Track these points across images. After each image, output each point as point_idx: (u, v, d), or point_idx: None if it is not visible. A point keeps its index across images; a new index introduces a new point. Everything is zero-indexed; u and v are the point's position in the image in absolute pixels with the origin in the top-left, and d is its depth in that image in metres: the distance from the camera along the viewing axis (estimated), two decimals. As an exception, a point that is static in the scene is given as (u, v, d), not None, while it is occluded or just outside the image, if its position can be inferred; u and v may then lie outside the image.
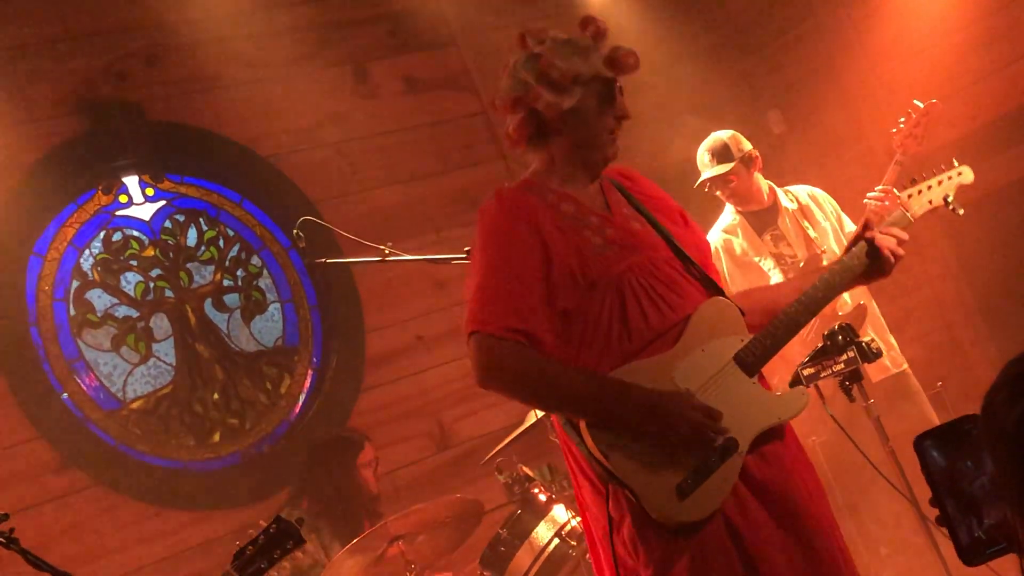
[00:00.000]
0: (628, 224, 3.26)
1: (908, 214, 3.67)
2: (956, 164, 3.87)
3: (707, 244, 3.45)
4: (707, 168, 5.73)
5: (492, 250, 3.12)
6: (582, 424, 3.03)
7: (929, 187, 3.81)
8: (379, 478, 5.74)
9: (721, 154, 5.70)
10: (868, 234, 3.35)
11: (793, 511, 3.08)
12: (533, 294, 3.05)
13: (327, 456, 5.64)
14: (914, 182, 3.81)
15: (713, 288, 3.29)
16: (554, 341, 3.08)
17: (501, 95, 3.25)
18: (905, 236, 3.37)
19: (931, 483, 1.89)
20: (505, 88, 3.24)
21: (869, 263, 3.34)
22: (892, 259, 3.33)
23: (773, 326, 3.23)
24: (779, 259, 5.71)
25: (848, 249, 3.40)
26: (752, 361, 3.17)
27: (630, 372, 3.06)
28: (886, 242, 3.33)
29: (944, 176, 3.84)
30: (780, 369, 5.07)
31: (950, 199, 3.78)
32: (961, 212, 3.81)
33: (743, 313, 3.26)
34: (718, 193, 5.82)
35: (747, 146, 5.75)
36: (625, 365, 3.06)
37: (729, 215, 5.86)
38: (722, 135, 5.76)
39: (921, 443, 1.87)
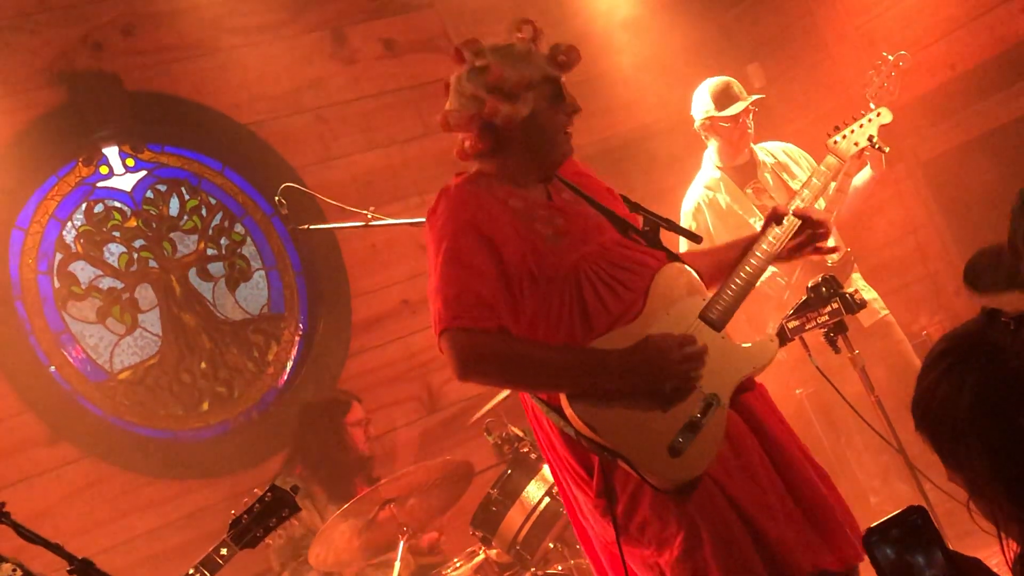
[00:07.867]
0: (573, 210, 3.28)
1: (836, 159, 3.90)
2: (873, 107, 4.13)
3: (634, 218, 3.45)
4: (742, 98, 5.66)
5: (445, 251, 3.12)
6: (564, 403, 3.04)
7: (852, 131, 4.04)
8: (371, 440, 5.76)
9: (743, 87, 5.73)
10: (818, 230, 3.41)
11: (772, 452, 3.14)
12: (492, 287, 3.07)
13: (315, 418, 5.67)
14: (837, 129, 4.06)
15: (667, 252, 3.33)
16: (520, 333, 3.10)
17: (453, 115, 3.21)
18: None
19: None
20: (455, 107, 3.21)
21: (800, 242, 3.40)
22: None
23: (731, 280, 3.28)
24: (763, 211, 5.72)
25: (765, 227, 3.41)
26: (717, 317, 3.21)
27: (604, 343, 3.09)
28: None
29: (864, 120, 4.08)
30: (774, 317, 5.10)
31: (874, 139, 4.05)
32: (887, 149, 4.02)
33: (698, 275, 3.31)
34: (748, 120, 5.73)
35: None
36: (597, 339, 3.09)
37: (709, 170, 5.87)
38: (726, 77, 5.78)
39: (869, 539, 1.85)
